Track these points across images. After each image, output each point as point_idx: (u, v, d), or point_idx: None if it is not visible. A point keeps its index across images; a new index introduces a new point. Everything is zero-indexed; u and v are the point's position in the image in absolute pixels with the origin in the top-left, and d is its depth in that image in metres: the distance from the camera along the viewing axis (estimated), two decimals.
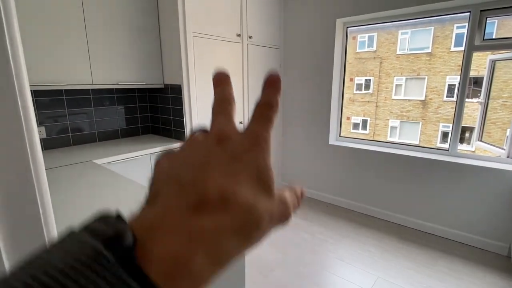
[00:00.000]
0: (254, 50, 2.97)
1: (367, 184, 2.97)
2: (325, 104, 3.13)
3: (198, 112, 2.55)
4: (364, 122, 13.64)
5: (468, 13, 2.32)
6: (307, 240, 2.54)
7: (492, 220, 2.32)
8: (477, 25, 2.29)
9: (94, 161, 1.98)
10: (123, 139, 2.67)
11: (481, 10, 2.25)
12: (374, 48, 12.95)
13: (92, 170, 1.79)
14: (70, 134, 2.38)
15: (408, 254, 2.32)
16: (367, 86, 13.43)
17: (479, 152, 2.65)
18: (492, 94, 2.66)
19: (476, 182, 2.35)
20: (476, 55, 2.40)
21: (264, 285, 1.99)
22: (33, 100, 0.58)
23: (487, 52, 2.57)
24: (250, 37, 2.88)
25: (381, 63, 12.98)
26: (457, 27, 10.85)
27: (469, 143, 10.98)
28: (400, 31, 12.24)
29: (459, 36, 10.81)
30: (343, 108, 3.22)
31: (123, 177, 1.63)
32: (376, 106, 13.41)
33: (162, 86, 2.61)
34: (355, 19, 2.86)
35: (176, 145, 2.46)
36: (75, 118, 2.39)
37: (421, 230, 2.66)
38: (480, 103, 2.73)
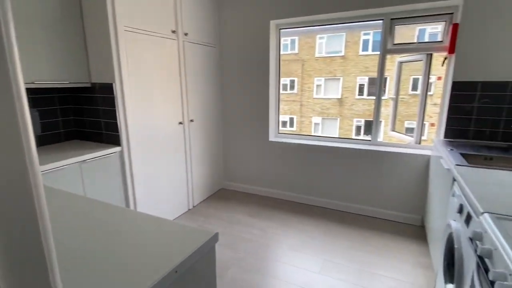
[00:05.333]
0: (190, 47, 2.88)
1: (306, 176, 3.18)
2: (263, 103, 3.23)
3: (134, 113, 2.35)
4: (291, 120, 14.54)
5: (382, 21, 2.68)
6: (258, 235, 2.59)
7: (407, 197, 2.74)
8: (389, 31, 2.67)
9: None
10: (40, 148, 2.28)
11: (391, 19, 2.64)
12: (296, 51, 13.94)
13: None
14: None
15: (347, 235, 2.57)
16: (292, 87, 14.35)
17: (394, 140, 3.10)
18: (392, 90, 3.13)
19: (393, 165, 2.75)
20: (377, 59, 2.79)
21: (221, 286, 1.96)
22: None
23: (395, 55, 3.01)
24: (186, 34, 2.78)
25: (303, 65, 14.03)
26: (364, 34, 12.46)
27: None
28: (318, 36, 13.43)
29: (365, 42, 12.42)
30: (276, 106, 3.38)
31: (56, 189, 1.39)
32: (301, 105, 14.43)
33: (89, 85, 2.32)
34: (286, 22, 3.02)
35: (110, 150, 2.22)
36: None
37: (356, 213, 2.98)
38: (392, 98, 3.19)
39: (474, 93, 2.34)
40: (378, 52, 2.78)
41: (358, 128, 13.43)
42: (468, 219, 1.23)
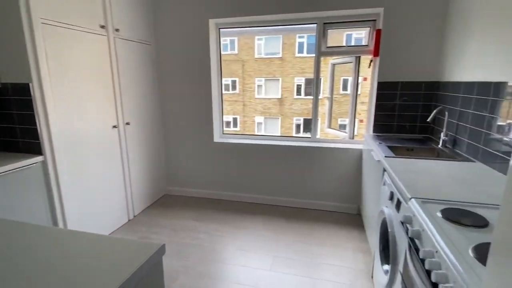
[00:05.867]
0: (123, 45, 2.66)
1: (252, 176, 3.21)
2: (206, 103, 3.16)
3: (58, 117, 2.07)
4: (235, 120, 14.60)
5: (315, 24, 2.84)
6: (205, 240, 2.52)
7: (344, 188, 2.97)
8: (322, 34, 2.85)
9: None
10: None
11: (324, 23, 2.81)
12: (236, 51, 14.04)
13: None
14: None
15: (293, 229, 2.67)
16: (234, 87, 14.42)
17: (330, 136, 3.32)
18: (326, 91, 3.37)
19: (331, 160, 2.94)
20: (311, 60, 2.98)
21: None
22: None
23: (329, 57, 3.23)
24: (116, 30, 2.55)
25: (243, 65, 14.20)
26: (299, 37, 13.14)
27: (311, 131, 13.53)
28: (256, 37, 13.73)
29: (300, 45, 13.11)
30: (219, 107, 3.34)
31: None
32: (243, 105, 14.59)
33: None
34: (225, 21, 3.00)
35: (30, 161, 1.92)
36: None
37: (300, 207, 3.11)
38: (327, 98, 3.42)
39: (395, 92, 2.64)
40: (313, 55, 2.94)
41: (298, 126, 14.13)
42: (398, 205, 1.38)
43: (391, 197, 1.52)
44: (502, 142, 1.55)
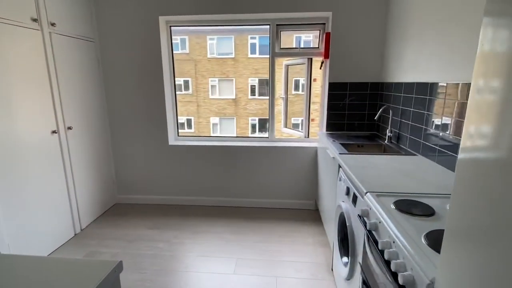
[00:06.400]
0: (60, 41, 2.40)
1: (211, 178, 3.14)
2: (159, 105, 3.00)
3: None
4: (189, 121, 14.22)
5: (269, 26, 2.88)
6: (164, 249, 2.39)
7: (301, 185, 3.06)
8: (276, 36, 2.89)
9: None
10: None
11: (277, 24, 2.86)
12: (188, 51, 13.68)
13: None
14: None
15: (255, 230, 2.67)
16: (187, 87, 14.03)
17: (286, 135, 3.40)
18: (281, 91, 3.45)
19: (288, 158, 3.01)
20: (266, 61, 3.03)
21: None
22: None
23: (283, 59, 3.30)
24: (52, 24, 2.29)
25: (196, 65, 13.89)
26: (251, 38, 13.27)
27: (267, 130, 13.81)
28: (208, 37, 13.53)
29: (253, 45, 13.25)
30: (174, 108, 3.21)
31: None
32: (197, 105, 14.28)
33: None
34: (176, 19, 2.88)
35: None
36: None
37: (260, 207, 3.13)
38: (283, 98, 3.49)
39: (345, 92, 2.79)
40: (266, 56, 2.97)
41: (254, 126, 14.27)
42: (354, 199, 1.45)
43: (348, 192, 1.60)
44: (438, 136, 1.73)
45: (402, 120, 2.24)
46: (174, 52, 3.08)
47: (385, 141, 2.39)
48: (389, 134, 2.36)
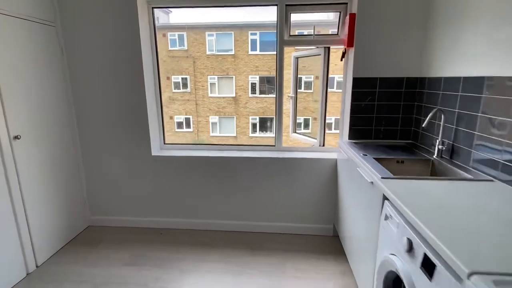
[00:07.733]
0: (5, 23, 1.81)
1: (203, 196, 2.55)
2: (139, 108, 2.41)
3: None
4: (187, 120, 13.64)
5: (276, 6, 2.28)
6: None
7: (317, 206, 2.46)
8: (284, 20, 2.30)
9: None
10: None
11: (286, 5, 2.26)
12: (186, 47, 13.05)
13: None
14: None
15: (261, 263, 2.08)
16: (185, 85, 13.44)
17: (295, 143, 2.80)
18: (289, 89, 2.85)
19: (300, 172, 2.41)
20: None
21: None
22: None
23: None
24: None
25: (194, 62, 13.27)
26: (251, 34, 12.63)
27: (271, 131, 13.26)
28: (206, 33, 12.90)
29: (253, 42, 12.60)
30: (164, 108, 2.62)
31: None
32: (196, 104, 13.69)
33: None
34: None
35: None
36: None
37: (265, 232, 2.53)
38: (291, 97, 2.89)
39: (373, 90, 2.19)
40: (267, 52, 2.39)
41: (254, 126, 13.67)
42: (428, 267, 0.86)
43: (410, 249, 1.01)
44: None
45: (460, 128, 1.64)
46: (171, 48, 2.50)
47: (434, 156, 1.79)
48: (439, 146, 1.76)
